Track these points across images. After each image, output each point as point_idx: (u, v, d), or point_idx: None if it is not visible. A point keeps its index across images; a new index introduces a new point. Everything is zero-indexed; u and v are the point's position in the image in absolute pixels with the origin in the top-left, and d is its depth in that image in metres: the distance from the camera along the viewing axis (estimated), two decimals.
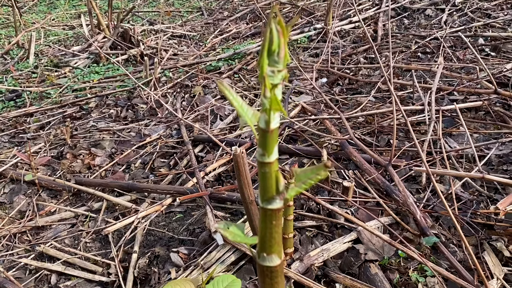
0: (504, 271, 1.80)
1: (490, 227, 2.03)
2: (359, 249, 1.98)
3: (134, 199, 2.70)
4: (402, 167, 2.49)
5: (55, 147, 3.51)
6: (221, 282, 1.65)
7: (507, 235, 1.92)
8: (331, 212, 2.21)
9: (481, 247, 1.93)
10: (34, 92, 4.84)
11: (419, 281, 1.78)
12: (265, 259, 0.80)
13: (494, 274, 1.76)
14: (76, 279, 2.18)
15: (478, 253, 1.91)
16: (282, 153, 2.86)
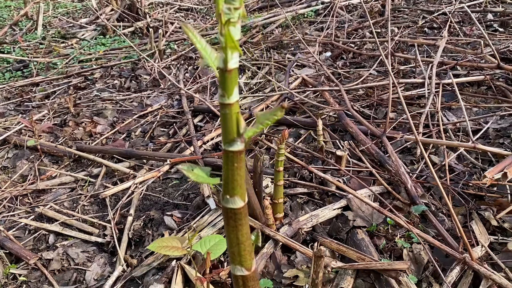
0: (490, 239, 1.81)
1: (481, 197, 2.04)
2: (348, 215, 2.00)
3: (132, 166, 2.74)
4: (398, 138, 2.49)
5: (58, 116, 3.56)
6: (208, 241, 1.69)
7: (496, 205, 1.93)
8: (323, 180, 2.23)
9: (470, 217, 1.94)
10: (41, 63, 4.88)
11: (405, 247, 1.80)
12: (228, 201, 0.83)
13: (479, 242, 1.77)
14: (73, 239, 2.24)
15: (467, 222, 1.92)
16: (280, 124, 2.87)
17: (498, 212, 1.89)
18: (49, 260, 2.12)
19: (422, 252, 1.78)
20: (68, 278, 2.03)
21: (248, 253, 0.89)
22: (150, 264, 1.97)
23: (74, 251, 2.16)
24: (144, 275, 1.94)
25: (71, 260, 2.12)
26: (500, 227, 1.87)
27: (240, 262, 0.89)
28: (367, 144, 2.39)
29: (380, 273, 1.67)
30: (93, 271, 2.05)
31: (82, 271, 2.06)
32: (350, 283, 1.68)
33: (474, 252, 1.69)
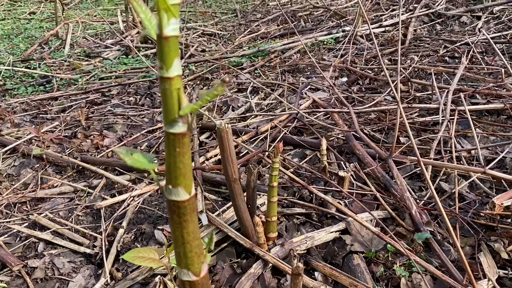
0: (498, 273, 1.64)
1: (491, 228, 1.88)
2: (346, 239, 1.87)
3: (133, 179, 2.69)
4: (407, 163, 2.36)
5: (69, 128, 3.58)
6: None
7: (508, 237, 1.77)
8: (323, 202, 2.11)
9: (478, 248, 1.78)
10: (63, 79, 4.99)
11: (403, 275, 1.65)
12: (171, 192, 0.74)
13: (487, 275, 1.61)
14: (62, 249, 2.18)
15: (474, 254, 1.76)
16: (287, 144, 2.78)
17: (509, 245, 1.73)
18: (34, 268, 2.05)
19: (422, 283, 1.63)
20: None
21: (195, 255, 0.80)
22: (134, 279, 1.88)
23: (61, 260, 2.09)
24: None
25: (55, 270, 2.05)
26: (511, 260, 1.70)
27: (187, 265, 0.80)
28: (374, 169, 2.27)
29: None
30: (76, 282, 1.97)
31: (66, 281, 1.99)
32: None
33: (479, 286, 1.53)
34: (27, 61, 5.80)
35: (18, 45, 6.90)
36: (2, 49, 6.73)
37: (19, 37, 7.43)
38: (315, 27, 5.71)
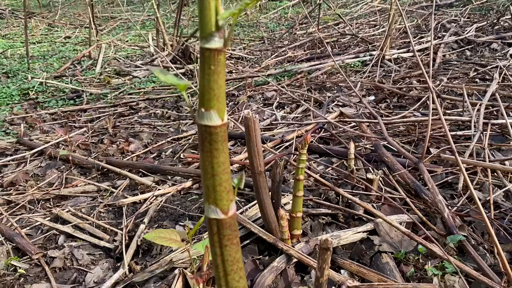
0: None
1: None
2: (374, 240, 1.79)
3: (156, 181, 2.68)
4: (438, 172, 2.28)
5: (96, 135, 3.62)
6: None
7: None
8: (350, 204, 2.04)
9: None
10: (93, 94, 5.10)
11: (435, 275, 1.55)
12: (203, 116, 0.71)
13: None
14: (82, 242, 2.15)
15: None
16: (313, 152, 2.74)
17: None
18: (53, 258, 2.03)
19: (456, 284, 1.53)
20: (68, 277, 1.92)
21: (224, 190, 0.76)
22: (152, 271, 1.83)
23: (80, 252, 2.07)
24: (145, 281, 1.80)
25: (74, 261, 2.02)
26: None
27: (215, 200, 0.76)
28: (404, 173, 2.19)
29: None
30: (94, 274, 1.93)
31: (84, 272, 1.95)
32: None
33: None
34: (59, 78, 5.98)
35: (52, 64, 7.15)
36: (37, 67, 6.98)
37: (53, 57, 7.71)
38: (342, 52, 5.74)
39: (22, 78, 5.97)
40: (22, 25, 10.72)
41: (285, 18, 9.67)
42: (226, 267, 0.80)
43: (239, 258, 0.81)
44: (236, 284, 0.81)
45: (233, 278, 0.81)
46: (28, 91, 5.33)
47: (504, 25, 5.75)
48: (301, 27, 8.15)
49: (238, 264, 0.81)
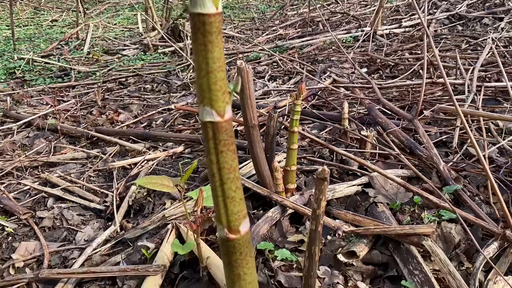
0: None
1: None
2: (369, 192, 1.77)
3: (147, 147, 2.63)
4: (433, 132, 2.26)
5: (85, 108, 3.55)
6: (206, 191, 1.51)
7: None
8: (344, 160, 2.02)
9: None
10: (81, 72, 5.01)
11: (432, 221, 1.54)
12: (196, 2, 0.67)
13: None
14: (71, 204, 2.11)
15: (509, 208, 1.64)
16: (306, 118, 2.70)
17: None
18: (42, 218, 1.98)
19: (452, 231, 1.52)
20: (57, 236, 1.88)
21: (220, 89, 0.72)
22: (145, 228, 1.80)
23: (70, 213, 2.02)
24: (137, 238, 1.76)
25: (64, 221, 1.97)
26: None
27: (210, 101, 0.72)
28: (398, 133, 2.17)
29: (401, 242, 1.41)
30: (85, 233, 1.89)
31: (74, 231, 1.91)
32: (364, 250, 1.43)
33: None
34: (46, 57, 5.86)
35: (38, 45, 7.01)
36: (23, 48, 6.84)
37: (40, 39, 7.57)
38: (333, 29, 5.69)
39: (8, 58, 5.85)
40: (7, 9, 10.49)
41: (276, 0, 9.58)
42: (223, 175, 0.76)
43: (235, 167, 0.78)
44: (233, 194, 0.78)
45: (229, 188, 0.77)
46: (15, 70, 5.22)
47: (495, 2, 5.74)
48: (292, 8, 8.08)
49: (235, 173, 0.78)
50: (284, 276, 1.33)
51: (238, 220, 0.79)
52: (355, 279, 1.34)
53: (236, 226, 0.79)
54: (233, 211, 0.79)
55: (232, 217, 0.79)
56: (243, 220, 0.80)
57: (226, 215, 0.78)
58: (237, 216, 0.79)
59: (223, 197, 0.77)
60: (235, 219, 0.79)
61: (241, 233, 0.80)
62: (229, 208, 0.78)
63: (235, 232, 0.80)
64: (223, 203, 0.78)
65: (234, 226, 0.79)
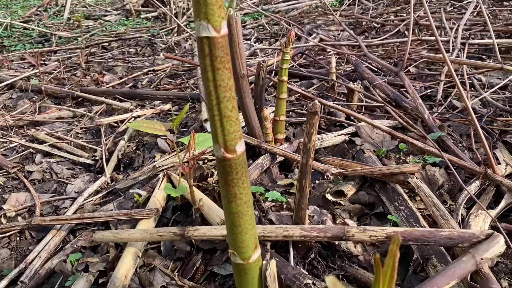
0: None
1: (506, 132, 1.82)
2: (356, 141, 1.81)
3: (135, 106, 2.62)
4: (417, 87, 2.30)
5: (69, 70, 3.50)
6: (197, 137, 1.52)
7: None
8: (331, 112, 2.05)
9: (494, 147, 1.73)
10: (62, 37, 4.90)
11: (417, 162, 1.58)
12: None
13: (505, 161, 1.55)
14: (60, 158, 2.11)
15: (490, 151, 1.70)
16: (293, 76, 2.72)
17: None
18: (31, 172, 1.98)
19: (436, 173, 1.57)
20: (48, 188, 1.88)
21: (216, 3, 0.72)
22: (135, 178, 1.81)
23: (59, 167, 2.02)
24: (128, 188, 1.77)
25: (54, 174, 1.97)
26: None
27: (206, 15, 0.72)
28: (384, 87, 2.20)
29: (387, 182, 1.46)
30: (75, 185, 1.89)
31: (64, 184, 1.92)
32: (351, 191, 1.48)
33: (498, 169, 1.47)
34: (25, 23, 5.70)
35: (16, 11, 6.81)
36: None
37: (17, 5, 7.34)
38: None
39: None
40: None
41: None
42: (219, 94, 0.78)
43: (231, 85, 0.79)
44: (229, 113, 0.79)
45: (225, 107, 0.79)
46: None
47: None
48: None
49: (231, 92, 0.79)
50: (275, 215, 1.36)
51: (234, 140, 0.81)
52: (343, 216, 1.39)
53: (232, 145, 0.81)
54: (229, 131, 0.80)
55: (228, 137, 0.80)
56: (239, 141, 0.82)
57: (222, 134, 0.80)
58: (233, 136, 0.81)
59: (219, 116, 0.79)
60: (231, 139, 0.81)
61: (237, 153, 0.82)
62: (225, 127, 0.80)
63: (232, 151, 0.81)
64: (220, 122, 0.79)
65: (231, 145, 0.81)
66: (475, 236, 1.02)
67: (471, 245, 1.02)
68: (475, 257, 0.98)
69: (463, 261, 0.98)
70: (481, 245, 1.00)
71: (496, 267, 1.21)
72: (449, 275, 0.96)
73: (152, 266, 1.34)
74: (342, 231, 1.11)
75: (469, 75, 2.32)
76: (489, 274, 0.97)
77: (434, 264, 1.11)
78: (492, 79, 2.43)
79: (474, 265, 0.97)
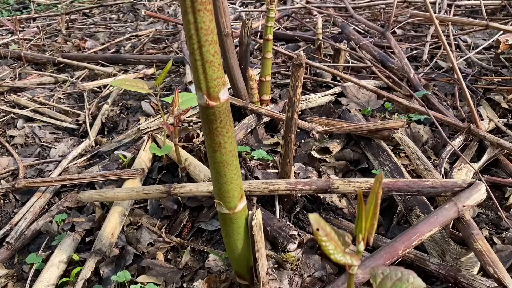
0: (499, 121, 1.60)
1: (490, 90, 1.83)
2: (342, 101, 1.81)
3: (117, 71, 2.57)
4: (404, 48, 2.29)
5: (49, 37, 3.40)
6: (181, 97, 1.51)
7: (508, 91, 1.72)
8: (317, 73, 2.03)
9: (478, 104, 1.74)
10: (42, 5, 4.75)
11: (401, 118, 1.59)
12: None
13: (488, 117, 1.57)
14: (43, 123, 2.07)
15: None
16: (279, 39, 2.68)
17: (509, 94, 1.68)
18: (13, 137, 1.94)
19: (421, 131, 1.58)
20: (31, 152, 1.86)
21: None
22: (120, 141, 1.79)
23: (42, 131, 1.99)
24: (113, 150, 1.76)
25: (36, 138, 1.94)
26: (510, 109, 1.66)
27: None
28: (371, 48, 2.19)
29: (371, 139, 1.47)
30: (59, 149, 1.87)
31: (47, 148, 1.89)
32: (337, 148, 1.48)
33: (481, 124, 1.48)
34: None
35: None
36: None
37: None
38: None
39: None
40: None
41: None
42: (200, 37, 0.75)
43: (213, 29, 0.76)
44: (211, 58, 0.77)
45: (207, 51, 0.77)
46: None
47: None
48: None
49: (213, 36, 0.76)
50: (261, 172, 1.37)
51: (218, 86, 0.80)
52: (328, 173, 1.40)
53: (215, 92, 0.80)
54: (212, 77, 0.78)
55: (211, 83, 0.79)
56: (222, 87, 0.80)
57: (205, 80, 0.78)
58: (216, 82, 0.79)
59: (201, 61, 0.77)
60: (214, 85, 0.79)
61: (221, 100, 0.81)
62: (208, 73, 0.78)
63: (215, 99, 0.80)
64: (202, 68, 0.77)
65: (214, 92, 0.79)
66: (457, 184, 1.04)
67: (454, 194, 1.04)
68: (457, 205, 1.00)
69: (446, 209, 0.99)
70: (463, 193, 1.02)
71: (477, 217, 1.24)
72: (432, 222, 0.97)
73: (139, 224, 1.34)
74: (327, 184, 1.12)
75: (454, 36, 2.31)
76: (470, 221, 0.99)
77: (417, 214, 1.13)
78: (477, 40, 2.43)
79: (456, 213, 0.99)
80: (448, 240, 1.04)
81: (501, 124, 1.54)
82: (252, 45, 2.51)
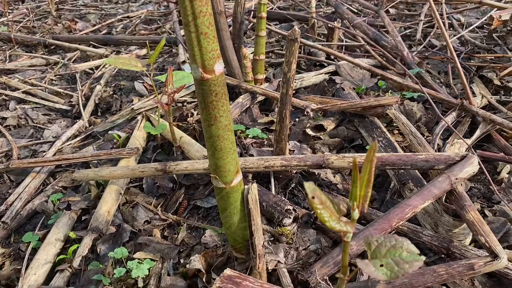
0: (492, 98, 1.61)
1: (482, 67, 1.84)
2: (336, 79, 1.81)
3: (110, 52, 2.54)
4: (397, 27, 2.29)
5: (39, 19, 3.35)
6: (175, 75, 1.50)
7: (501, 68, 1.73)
8: (311, 52, 2.03)
9: (471, 82, 1.75)
10: None
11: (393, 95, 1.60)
12: None
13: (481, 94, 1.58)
14: (35, 105, 2.05)
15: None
16: (273, 19, 2.66)
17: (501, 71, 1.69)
18: (5, 118, 1.93)
19: (414, 108, 1.59)
20: (24, 134, 1.85)
21: None
22: (114, 121, 1.79)
23: (35, 113, 1.98)
24: (107, 131, 1.75)
25: (29, 120, 1.93)
26: (504, 86, 1.67)
27: None
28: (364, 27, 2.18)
29: (365, 116, 1.47)
30: (52, 130, 1.86)
31: (41, 129, 1.88)
32: (331, 125, 1.49)
33: (473, 101, 1.50)
34: None
35: None
36: None
37: None
38: None
39: None
40: None
41: None
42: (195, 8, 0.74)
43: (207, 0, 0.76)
44: (206, 29, 0.77)
45: (202, 23, 0.76)
46: None
47: None
48: None
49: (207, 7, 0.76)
50: (256, 150, 1.37)
51: (213, 59, 0.79)
52: (323, 150, 1.41)
53: (210, 65, 0.79)
54: (207, 49, 0.78)
55: (206, 56, 0.78)
56: (217, 60, 0.80)
57: (200, 53, 0.78)
58: (211, 55, 0.79)
59: (196, 33, 0.76)
60: (209, 58, 0.79)
61: (216, 73, 0.80)
62: (202, 45, 0.77)
63: (210, 72, 0.80)
64: (197, 40, 0.77)
65: (209, 65, 0.79)
66: (450, 158, 1.05)
67: (447, 167, 1.05)
68: (450, 178, 1.01)
69: (439, 181, 1.01)
70: (456, 166, 1.03)
71: (469, 192, 1.25)
72: (425, 195, 0.99)
73: (135, 202, 1.34)
74: (321, 159, 1.13)
75: (448, 15, 2.31)
76: (463, 193, 1.01)
77: (411, 188, 1.15)
78: (470, 19, 2.43)
79: (449, 185, 1.00)
80: (441, 213, 1.05)
81: (493, 100, 1.55)
82: (245, 24, 2.49)
